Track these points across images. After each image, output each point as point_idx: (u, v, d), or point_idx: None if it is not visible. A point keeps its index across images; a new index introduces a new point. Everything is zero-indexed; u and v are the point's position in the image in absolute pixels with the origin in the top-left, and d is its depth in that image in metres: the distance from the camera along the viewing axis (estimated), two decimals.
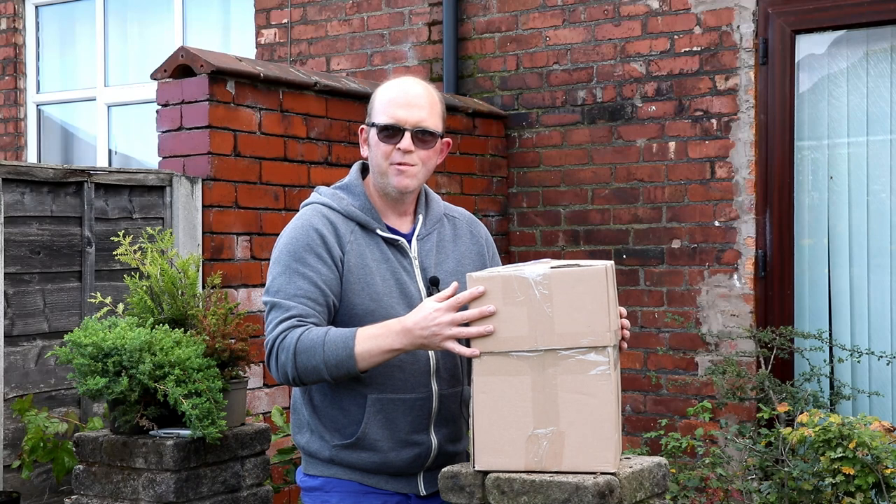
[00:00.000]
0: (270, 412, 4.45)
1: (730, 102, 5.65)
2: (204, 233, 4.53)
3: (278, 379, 2.64)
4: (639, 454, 4.53)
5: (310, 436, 2.78)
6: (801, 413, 4.16)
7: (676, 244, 5.78)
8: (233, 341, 3.38)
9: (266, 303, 2.68)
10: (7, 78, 7.95)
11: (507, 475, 2.47)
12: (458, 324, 2.48)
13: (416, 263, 2.76)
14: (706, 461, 4.47)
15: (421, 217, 2.83)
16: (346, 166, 4.55)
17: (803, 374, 5.09)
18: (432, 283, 2.74)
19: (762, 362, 5.18)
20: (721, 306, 5.63)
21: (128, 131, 7.79)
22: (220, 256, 4.56)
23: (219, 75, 4.55)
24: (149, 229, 3.69)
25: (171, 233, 3.62)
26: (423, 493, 2.78)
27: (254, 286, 4.68)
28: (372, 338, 2.53)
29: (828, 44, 5.59)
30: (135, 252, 3.55)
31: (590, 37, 6.04)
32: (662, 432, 5.00)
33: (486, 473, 2.50)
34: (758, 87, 5.58)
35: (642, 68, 5.90)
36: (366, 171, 2.86)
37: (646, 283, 5.85)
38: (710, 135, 5.70)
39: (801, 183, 5.57)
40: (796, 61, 5.56)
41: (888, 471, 3.68)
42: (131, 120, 7.75)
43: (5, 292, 3.91)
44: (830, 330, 5.43)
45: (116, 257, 3.60)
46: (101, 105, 7.72)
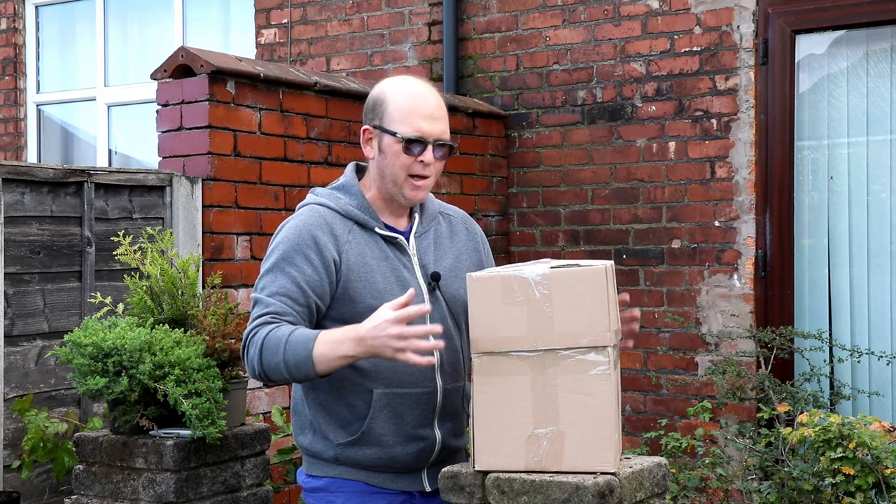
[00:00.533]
0: (270, 412, 4.45)
1: (730, 102, 5.65)
2: (204, 233, 4.53)
3: (249, 374, 2.68)
4: (639, 454, 4.53)
5: (313, 436, 2.78)
6: (801, 413, 4.16)
7: (676, 244, 5.78)
8: (233, 341, 3.38)
9: (251, 298, 2.73)
10: (7, 78, 7.95)
11: (507, 475, 2.47)
12: (405, 338, 2.46)
13: (415, 260, 2.78)
14: (706, 461, 4.47)
15: (417, 215, 2.84)
16: (345, 166, 4.55)
17: (803, 374, 5.09)
18: (433, 279, 2.76)
19: (762, 362, 5.17)
20: (721, 306, 5.63)
21: (128, 131, 7.79)
22: (220, 256, 4.56)
23: (219, 75, 4.55)
24: (149, 229, 3.70)
25: (171, 233, 3.62)
26: (428, 489, 2.78)
27: (254, 286, 4.67)
28: (330, 342, 2.53)
29: (828, 44, 5.59)
30: (135, 252, 3.55)
31: (590, 37, 6.04)
32: (662, 432, 5.00)
33: (486, 473, 2.50)
34: (758, 87, 5.58)
35: (642, 68, 5.90)
36: (360, 170, 2.87)
37: (646, 283, 5.85)
38: (710, 135, 5.70)
39: (801, 183, 5.57)
40: (796, 61, 5.56)
41: (888, 471, 3.68)
42: (131, 120, 7.75)
43: (5, 292, 3.91)
44: (830, 330, 5.43)
45: (116, 257, 3.60)
46: (101, 105, 7.72)
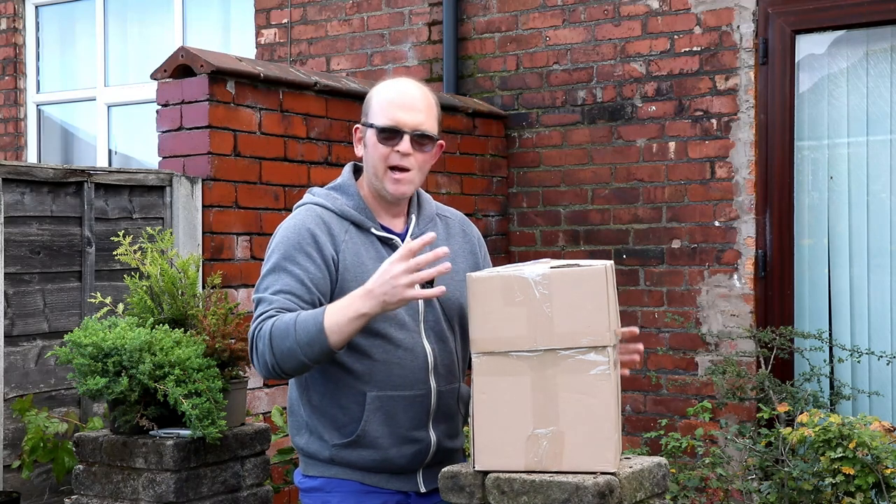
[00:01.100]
0: (270, 412, 4.45)
1: (730, 102, 5.65)
2: (204, 233, 4.53)
3: (260, 372, 2.62)
4: (639, 454, 4.53)
5: (308, 436, 2.78)
6: (801, 413, 4.16)
7: (676, 244, 5.78)
8: (233, 341, 3.38)
9: (253, 300, 2.70)
10: (7, 78, 7.95)
11: (507, 475, 2.47)
12: (412, 271, 2.45)
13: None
14: (706, 461, 4.47)
15: (414, 217, 2.84)
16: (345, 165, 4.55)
17: (803, 374, 5.09)
18: (426, 281, 2.75)
19: (762, 362, 5.18)
20: (721, 306, 5.63)
21: (128, 131, 7.79)
22: (220, 256, 4.56)
23: (219, 75, 4.55)
24: (149, 229, 3.70)
25: (171, 233, 3.62)
26: (423, 490, 2.78)
27: (254, 286, 4.67)
28: (339, 309, 2.51)
29: (828, 44, 5.59)
30: (135, 252, 3.55)
31: (590, 37, 6.04)
32: (662, 432, 5.00)
33: (486, 473, 2.50)
34: (758, 87, 5.58)
35: (642, 68, 5.89)
36: (358, 171, 2.87)
37: (646, 283, 5.85)
38: (710, 135, 5.70)
39: (801, 183, 5.57)
40: (796, 61, 5.56)
41: (888, 471, 3.68)
42: (131, 120, 7.75)
43: (5, 292, 3.91)
44: (830, 330, 5.43)
45: (116, 257, 3.60)
46: (101, 105, 7.72)
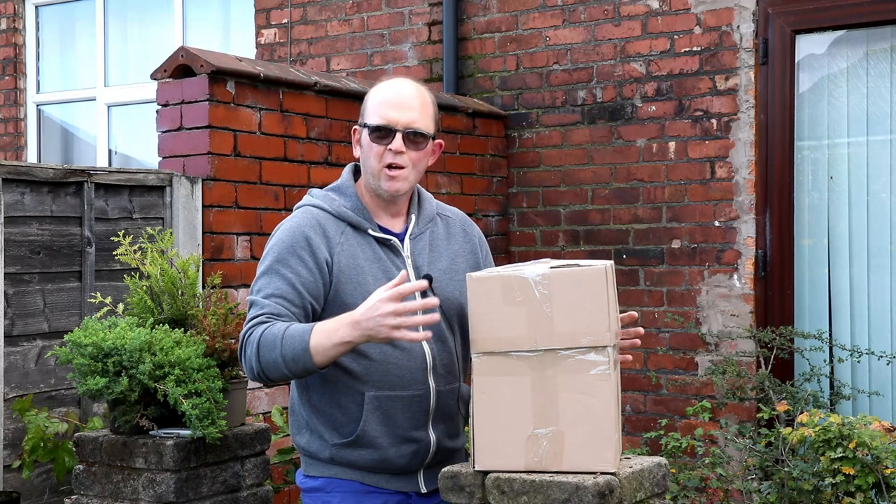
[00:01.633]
0: (270, 412, 4.45)
1: (730, 102, 5.65)
2: (204, 233, 4.53)
3: (247, 375, 2.66)
4: (639, 454, 4.53)
5: (309, 436, 2.78)
6: (801, 413, 4.16)
7: (676, 244, 5.78)
8: (233, 341, 3.38)
9: (248, 301, 2.73)
10: (7, 78, 7.95)
11: (507, 475, 2.47)
12: (400, 314, 2.44)
13: (409, 262, 2.77)
14: (706, 461, 4.47)
15: (413, 216, 2.83)
16: (345, 166, 4.56)
17: (803, 374, 5.09)
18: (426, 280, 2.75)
19: (762, 362, 5.18)
20: (721, 306, 5.63)
21: (128, 131, 7.78)
22: (220, 256, 4.56)
23: (219, 75, 4.55)
24: (149, 229, 3.70)
25: (171, 233, 3.62)
26: (424, 490, 2.79)
27: (250, 289, 4.67)
28: (326, 331, 2.53)
29: (828, 44, 5.59)
30: (135, 252, 3.55)
31: (590, 37, 6.04)
32: (662, 432, 5.00)
33: (486, 473, 2.50)
34: (758, 87, 5.58)
35: (642, 68, 5.90)
36: (358, 172, 2.87)
37: (646, 283, 5.85)
38: (710, 135, 5.70)
39: (801, 183, 5.57)
40: (796, 61, 5.56)
41: (888, 471, 3.68)
42: (131, 120, 7.75)
43: (5, 292, 3.91)
44: (830, 330, 5.43)
45: (116, 257, 3.60)
46: (101, 105, 7.72)
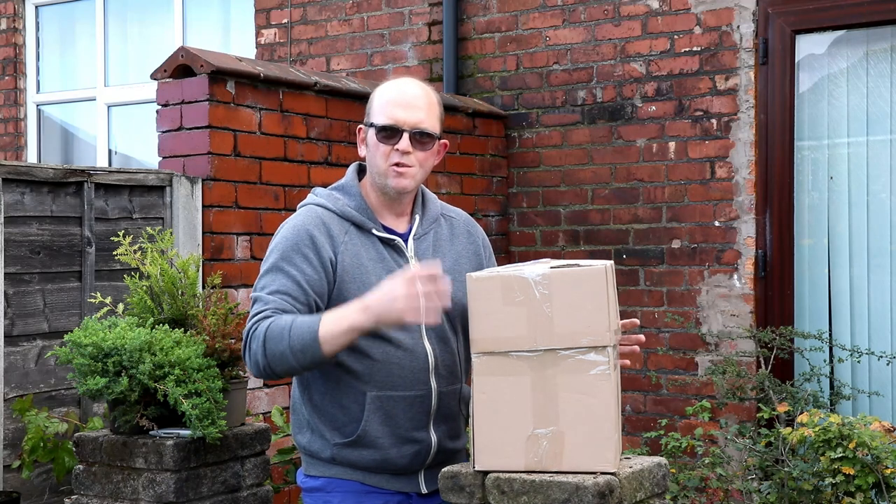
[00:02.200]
0: (270, 412, 4.45)
1: (730, 102, 5.65)
2: (204, 233, 4.53)
3: (251, 370, 2.64)
4: (639, 454, 4.53)
5: (311, 435, 2.78)
6: (801, 413, 4.16)
7: (676, 244, 5.78)
8: (233, 341, 3.38)
9: (251, 298, 2.72)
10: (7, 78, 7.95)
11: (507, 475, 2.47)
12: (410, 296, 2.45)
13: (412, 263, 2.76)
14: (706, 461, 4.47)
15: (417, 217, 2.83)
16: (345, 166, 4.57)
17: (803, 374, 5.09)
18: None
19: (762, 362, 5.18)
20: (721, 306, 5.63)
21: (128, 131, 7.79)
22: (220, 256, 4.56)
23: (219, 75, 4.55)
24: (149, 229, 3.70)
25: (171, 233, 3.62)
26: (425, 490, 2.78)
27: (254, 286, 4.67)
28: (335, 319, 2.54)
29: (828, 44, 5.59)
30: (135, 252, 3.55)
31: (590, 37, 6.04)
32: (662, 432, 5.00)
33: (486, 473, 2.50)
34: (758, 87, 5.58)
35: (642, 68, 5.90)
36: (362, 171, 2.87)
37: (646, 283, 5.85)
38: (710, 135, 5.70)
39: (801, 183, 5.57)
40: (796, 61, 5.56)
41: (888, 471, 3.69)
42: (131, 120, 7.75)
43: (5, 292, 3.91)
44: (830, 330, 5.43)
45: (116, 257, 3.60)
46: (101, 105, 7.72)
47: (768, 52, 5.55)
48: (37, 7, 8.05)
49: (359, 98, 5.19)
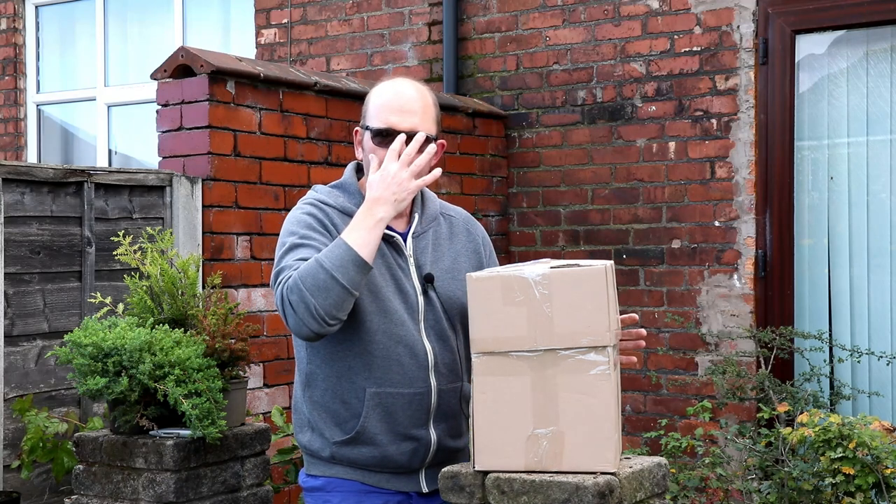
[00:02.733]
0: (270, 412, 4.45)
1: (730, 102, 5.65)
2: (204, 233, 4.53)
3: (302, 329, 2.53)
4: (639, 454, 4.53)
5: (311, 434, 2.79)
6: (801, 413, 4.16)
7: (676, 244, 5.78)
8: (233, 341, 3.38)
9: (273, 274, 2.67)
10: (7, 78, 7.95)
11: (507, 475, 2.47)
12: (415, 174, 2.59)
13: (411, 261, 2.77)
14: (706, 461, 4.47)
15: (417, 215, 2.83)
16: (345, 166, 4.58)
17: (803, 374, 5.09)
18: (427, 280, 2.75)
19: (762, 362, 5.18)
20: (721, 306, 5.63)
21: (128, 131, 7.79)
22: (220, 256, 4.56)
23: (219, 75, 4.55)
24: (149, 229, 3.69)
25: (171, 233, 3.62)
26: (425, 490, 2.78)
27: (254, 286, 4.68)
28: (354, 226, 2.57)
29: (828, 44, 5.59)
30: (135, 252, 3.55)
31: (590, 37, 6.04)
32: (662, 432, 5.00)
33: (486, 473, 2.50)
34: (758, 87, 5.58)
35: (642, 68, 5.90)
36: (360, 170, 2.88)
37: (646, 283, 5.85)
38: (710, 135, 5.70)
39: (801, 183, 5.57)
40: (796, 61, 5.56)
41: (888, 471, 3.69)
42: (131, 120, 7.75)
43: (5, 292, 3.91)
44: (830, 330, 5.43)
45: (116, 257, 3.60)
46: (101, 105, 7.72)
47: (768, 52, 5.55)
48: (37, 7, 8.05)
49: (359, 98, 5.18)
